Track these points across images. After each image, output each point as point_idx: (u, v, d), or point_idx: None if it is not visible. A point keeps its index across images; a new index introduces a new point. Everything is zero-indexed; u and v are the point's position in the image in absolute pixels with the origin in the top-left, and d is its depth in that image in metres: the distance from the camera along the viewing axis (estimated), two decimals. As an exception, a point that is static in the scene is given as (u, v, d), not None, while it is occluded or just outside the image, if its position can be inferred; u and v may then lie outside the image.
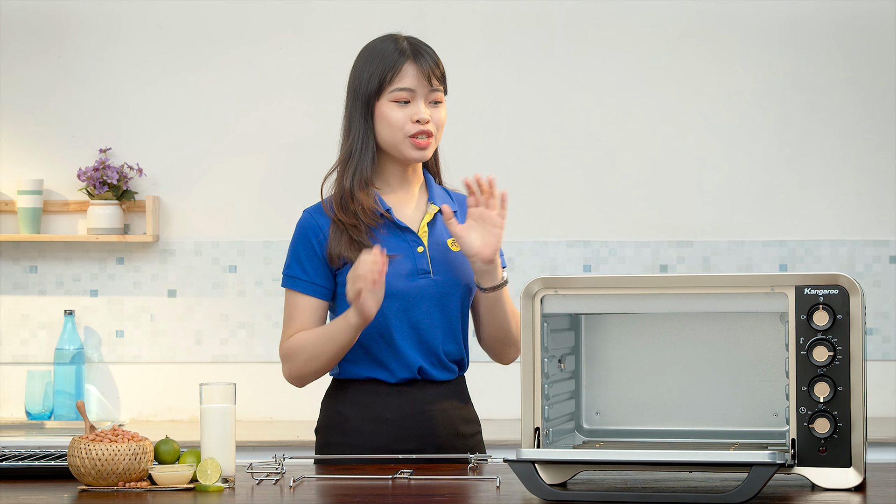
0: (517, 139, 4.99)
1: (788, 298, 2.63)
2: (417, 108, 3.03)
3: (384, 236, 3.04)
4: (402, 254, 3.04)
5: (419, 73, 3.03)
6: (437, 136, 3.08)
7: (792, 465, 2.62)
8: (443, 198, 3.14)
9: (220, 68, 5.01)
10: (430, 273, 3.06)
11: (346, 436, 3.08)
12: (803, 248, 4.96)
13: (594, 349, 2.96)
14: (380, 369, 3.07)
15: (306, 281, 3.05)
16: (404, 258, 3.04)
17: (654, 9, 4.97)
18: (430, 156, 3.09)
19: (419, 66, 3.03)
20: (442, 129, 3.09)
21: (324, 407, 3.16)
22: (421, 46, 3.07)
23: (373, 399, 3.08)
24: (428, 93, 3.05)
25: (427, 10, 4.99)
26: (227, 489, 2.75)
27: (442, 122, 3.07)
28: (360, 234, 3.02)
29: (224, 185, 5.01)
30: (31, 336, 4.99)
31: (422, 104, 3.04)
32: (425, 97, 3.05)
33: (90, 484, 2.73)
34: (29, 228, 4.87)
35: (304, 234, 3.08)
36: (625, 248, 4.98)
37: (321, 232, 3.06)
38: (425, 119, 3.03)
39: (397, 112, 3.03)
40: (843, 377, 2.60)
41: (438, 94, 3.06)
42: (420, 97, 3.04)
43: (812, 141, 4.98)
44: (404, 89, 3.03)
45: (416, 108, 3.03)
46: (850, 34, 4.97)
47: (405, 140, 3.04)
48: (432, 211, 3.09)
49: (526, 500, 2.59)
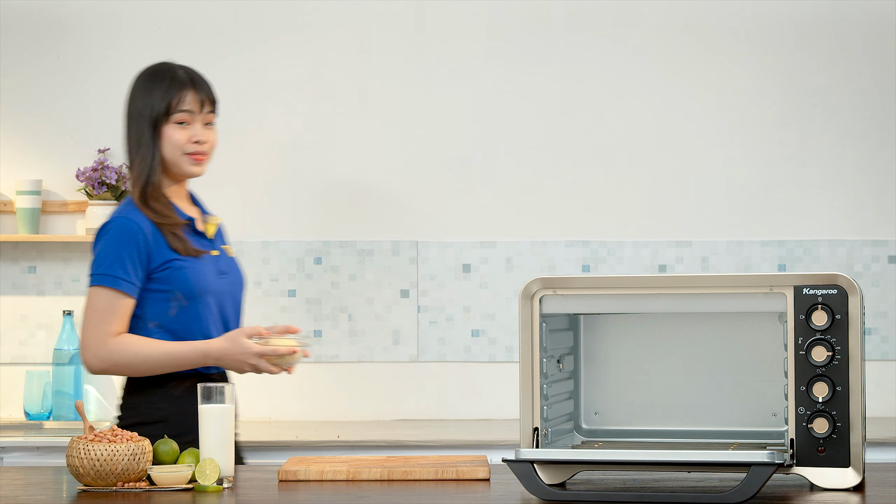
0: (516, 139, 4.99)
1: (787, 298, 2.63)
2: (196, 130, 3.42)
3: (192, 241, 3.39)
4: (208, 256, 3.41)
5: (198, 99, 3.42)
6: (210, 154, 3.48)
7: (791, 464, 2.62)
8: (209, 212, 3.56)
9: (219, 68, 5.00)
10: (227, 274, 3.46)
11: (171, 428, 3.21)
12: (802, 248, 4.96)
13: (593, 349, 2.96)
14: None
15: (127, 281, 3.31)
16: (211, 259, 3.41)
17: (653, 9, 4.97)
18: (205, 172, 3.47)
19: (199, 93, 3.43)
20: (214, 148, 3.48)
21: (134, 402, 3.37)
22: (198, 75, 3.48)
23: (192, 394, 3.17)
24: (205, 115, 3.44)
25: (426, 10, 4.99)
26: (226, 489, 2.75)
27: (215, 142, 3.47)
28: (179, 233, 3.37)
29: (223, 185, 5.01)
30: (29, 336, 4.99)
31: (199, 126, 3.43)
32: (202, 119, 3.43)
33: (89, 484, 2.73)
34: (27, 229, 4.87)
35: (128, 236, 3.33)
36: (623, 248, 4.98)
37: (145, 236, 3.33)
38: (203, 140, 3.42)
39: (179, 133, 3.41)
40: (842, 377, 2.60)
41: (212, 116, 3.45)
42: (198, 120, 3.43)
43: (811, 141, 4.98)
44: (185, 111, 3.41)
45: (195, 130, 3.42)
46: (849, 34, 4.97)
47: (183, 157, 3.41)
48: (215, 222, 3.51)
49: (525, 500, 2.59)
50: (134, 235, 3.32)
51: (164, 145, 3.40)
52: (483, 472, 2.83)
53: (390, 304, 4.94)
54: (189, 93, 3.41)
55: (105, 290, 3.30)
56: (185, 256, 3.35)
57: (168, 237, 3.34)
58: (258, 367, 3.28)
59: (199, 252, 3.38)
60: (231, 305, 3.46)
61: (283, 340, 3.31)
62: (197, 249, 3.38)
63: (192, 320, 3.34)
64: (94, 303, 3.31)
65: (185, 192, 3.52)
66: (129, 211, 3.37)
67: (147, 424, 3.29)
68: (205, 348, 3.29)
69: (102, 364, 3.31)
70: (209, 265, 3.40)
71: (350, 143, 4.91)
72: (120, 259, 3.30)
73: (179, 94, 3.40)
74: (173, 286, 3.33)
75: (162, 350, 3.30)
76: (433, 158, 4.97)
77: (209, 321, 3.37)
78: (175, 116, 3.39)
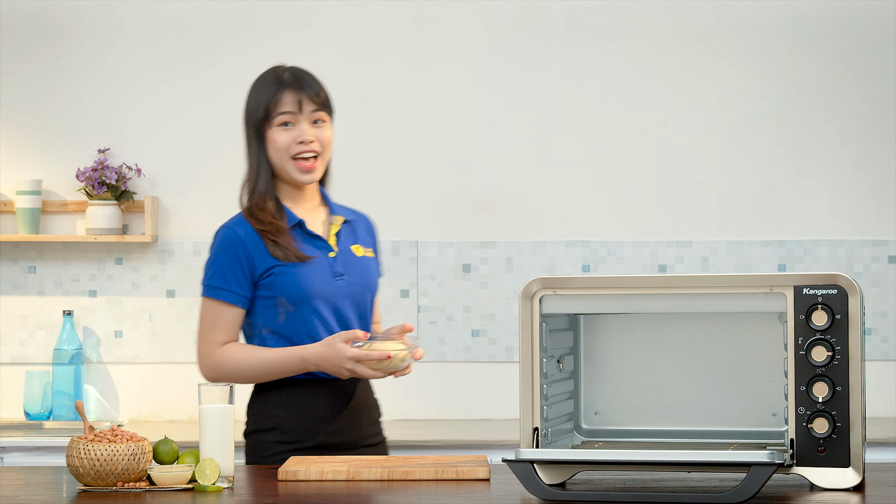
0: (516, 139, 4.99)
1: (787, 298, 2.63)
2: (301, 130, 3.31)
3: (302, 245, 3.32)
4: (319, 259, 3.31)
5: (298, 98, 3.32)
6: (325, 155, 3.37)
7: (791, 464, 2.62)
8: (341, 211, 3.44)
9: (219, 69, 5.01)
10: (344, 276, 3.33)
11: (285, 435, 3.27)
12: (802, 248, 4.96)
13: (593, 349, 2.96)
14: None
15: (229, 291, 3.28)
16: (324, 262, 3.31)
17: (653, 8, 4.97)
18: (318, 178, 3.36)
19: (297, 92, 3.32)
20: (329, 148, 3.37)
21: (254, 411, 3.35)
22: (300, 75, 3.38)
23: (306, 399, 3.29)
24: (310, 113, 3.33)
25: (425, 10, 4.99)
26: (226, 489, 2.75)
27: (327, 141, 3.35)
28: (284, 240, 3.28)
29: (223, 185, 5.00)
30: (29, 336, 4.99)
31: (305, 125, 3.32)
32: (308, 118, 3.32)
33: (89, 484, 2.73)
34: (28, 229, 4.87)
35: (228, 246, 3.29)
36: (623, 248, 4.98)
37: (244, 245, 3.28)
38: (308, 139, 3.31)
39: (283, 135, 3.32)
40: (842, 377, 2.60)
41: (320, 114, 3.34)
42: (302, 119, 3.32)
43: (811, 141, 4.98)
44: (286, 112, 3.31)
45: (300, 130, 3.31)
46: (849, 34, 4.96)
47: (290, 162, 3.31)
48: (338, 222, 3.39)
49: (525, 500, 2.59)
50: (234, 245, 3.28)
51: (270, 150, 3.33)
52: (483, 472, 2.83)
53: (390, 304, 4.94)
54: (286, 93, 3.32)
55: (209, 301, 3.29)
56: (288, 262, 3.27)
57: (268, 245, 3.27)
58: (356, 372, 3.18)
59: (305, 257, 3.29)
60: (353, 308, 3.35)
61: (384, 344, 3.18)
62: (302, 254, 3.29)
63: (301, 325, 3.28)
64: (202, 313, 3.31)
65: (313, 192, 3.41)
66: (234, 220, 3.33)
67: (262, 432, 3.31)
68: (302, 354, 3.22)
69: (211, 373, 3.28)
70: (319, 268, 3.30)
71: (350, 143, 4.90)
72: (221, 270, 3.28)
73: (276, 96, 3.32)
74: (277, 292, 3.27)
75: (261, 358, 3.25)
76: (433, 158, 4.97)
77: (319, 325, 3.29)
78: (276, 119, 3.31)
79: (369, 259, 3.42)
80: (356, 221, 3.47)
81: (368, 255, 3.43)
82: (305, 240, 3.32)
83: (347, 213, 3.46)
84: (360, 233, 3.45)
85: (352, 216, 3.46)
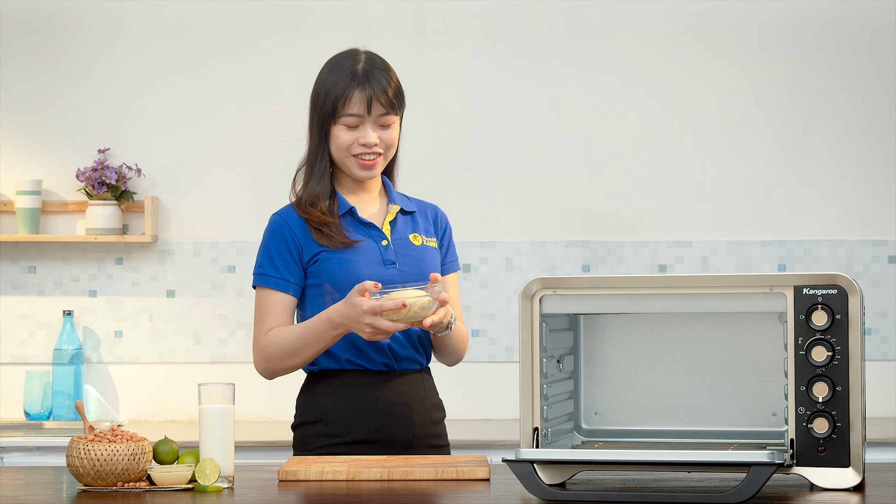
0: (516, 139, 4.99)
1: (787, 298, 2.63)
2: (365, 132, 3.20)
3: (350, 233, 3.22)
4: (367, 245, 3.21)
5: (367, 99, 3.19)
6: (388, 154, 3.26)
7: (791, 464, 2.62)
8: (401, 200, 3.33)
9: (219, 69, 5.01)
10: (395, 264, 3.21)
11: (330, 428, 3.18)
12: (802, 247, 4.96)
13: (593, 349, 2.96)
14: (358, 355, 3.18)
15: (278, 278, 3.19)
16: (373, 249, 3.20)
17: (653, 8, 4.97)
18: (378, 174, 3.27)
19: (367, 93, 3.19)
20: (393, 147, 3.26)
21: (301, 403, 3.27)
22: (373, 71, 3.22)
23: (353, 391, 3.19)
24: (377, 117, 3.21)
25: (425, 11, 4.99)
26: (226, 489, 2.75)
27: (392, 142, 3.24)
28: (329, 229, 3.19)
29: (223, 185, 5.01)
30: (29, 336, 4.99)
31: (370, 128, 3.21)
32: (374, 121, 3.21)
33: (89, 484, 2.73)
34: (28, 229, 4.87)
35: (277, 233, 3.22)
36: (623, 248, 4.98)
37: (292, 230, 3.20)
38: (371, 143, 3.20)
39: (346, 134, 3.21)
40: (842, 377, 2.60)
41: (387, 118, 3.22)
42: (369, 122, 3.21)
43: (811, 141, 4.98)
44: (353, 115, 3.20)
45: (364, 132, 3.20)
46: (849, 34, 4.97)
47: (350, 159, 3.22)
48: (393, 210, 3.28)
49: (525, 500, 2.59)
50: (281, 231, 3.19)
51: (332, 145, 3.22)
52: (483, 472, 2.83)
53: (390, 304, 4.94)
54: (355, 93, 3.18)
55: (260, 290, 3.20)
56: (334, 248, 3.17)
57: (314, 233, 3.18)
58: (375, 327, 2.97)
59: (351, 241, 3.17)
60: None
61: (400, 293, 2.97)
62: (349, 239, 3.18)
63: None
64: (255, 305, 3.22)
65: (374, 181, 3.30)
66: (283, 208, 3.26)
67: (308, 424, 3.23)
68: (327, 315, 3.06)
69: (259, 363, 3.19)
70: (368, 255, 3.19)
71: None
72: (269, 256, 3.20)
73: (346, 94, 3.18)
74: (322, 279, 3.17)
75: (296, 331, 3.13)
76: (433, 158, 4.97)
77: None
78: (342, 119, 3.20)
79: (429, 248, 3.28)
80: (420, 212, 3.34)
81: (430, 244, 3.29)
82: (356, 227, 3.22)
83: (409, 203, 3.34)
84: (421, 223, 3.32)
85: (413, 207, 3.33)
